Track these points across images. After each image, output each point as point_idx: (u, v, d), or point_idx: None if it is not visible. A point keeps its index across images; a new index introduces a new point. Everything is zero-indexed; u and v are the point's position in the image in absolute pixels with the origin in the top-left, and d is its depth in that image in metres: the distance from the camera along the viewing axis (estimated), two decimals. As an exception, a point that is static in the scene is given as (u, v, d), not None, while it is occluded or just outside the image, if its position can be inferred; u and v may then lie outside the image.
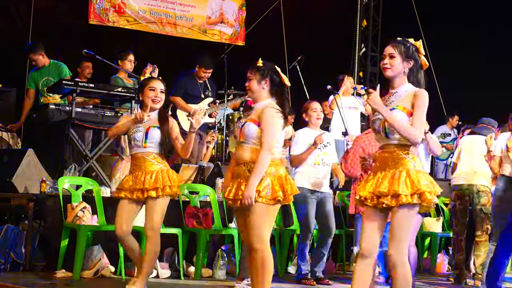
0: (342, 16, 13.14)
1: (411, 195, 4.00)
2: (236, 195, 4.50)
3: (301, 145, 6.73)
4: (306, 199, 6.64)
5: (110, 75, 8.13)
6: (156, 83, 5.42)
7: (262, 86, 4.62)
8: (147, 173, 5.29)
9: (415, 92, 4.14)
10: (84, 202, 6.37)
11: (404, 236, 4.05)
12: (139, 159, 5.35)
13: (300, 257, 6.75)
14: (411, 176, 4.04)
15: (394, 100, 4.17)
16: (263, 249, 4.46)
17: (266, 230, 4.49)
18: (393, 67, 4.18)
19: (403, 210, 4.03)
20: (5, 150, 7.59)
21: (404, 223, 4.05)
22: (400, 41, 4.22)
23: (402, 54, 4.17)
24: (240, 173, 4.56)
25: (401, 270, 4.05)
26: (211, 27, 11.69)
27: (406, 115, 4.10)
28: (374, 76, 13.70)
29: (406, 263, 4.06)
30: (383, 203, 4.05)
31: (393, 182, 4.04)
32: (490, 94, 11.89)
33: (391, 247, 4.05)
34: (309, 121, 6.85)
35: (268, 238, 4.50)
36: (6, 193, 6.63)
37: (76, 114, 7.05)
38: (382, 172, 4.11)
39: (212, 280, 6.69)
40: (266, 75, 4.62)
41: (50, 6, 10.63)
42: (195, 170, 7.92)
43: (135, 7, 10.85)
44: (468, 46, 12.15)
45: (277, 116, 4.52)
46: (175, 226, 6.67)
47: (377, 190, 4.07)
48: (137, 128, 5.36)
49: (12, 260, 6.20)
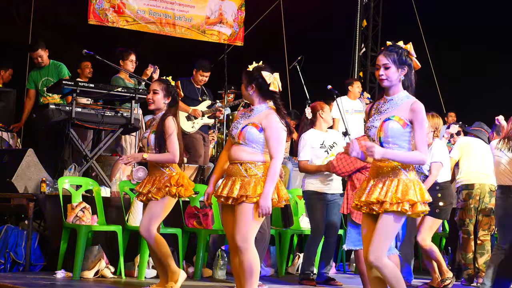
0: (342, 16, 13.13)
1: (397, 203, 4.03)
2: (230, 193, 4.51)
3: (309, 149, 6.62)
4: (316, 201, 6.62)
5: (111, 75, 8.13)
6: (150, 85, 5.51)
7: (249, 92, 4.62)
8: (151, 177, 5.40)
9: (412, 105, 4.12)
10: (84, 202, 6.38)
11: (384, 242, 4.07)
12: (148, 165, 5.50)
13: (306, 258, 6.72)
14: (399, 186, 4.07)
15: (389, 108, 4.17)
16: (247, 248, 4.47)
17: (253, 230, 4.52)
18: (389, 77, 4.18)
19: (388, 216, 4.06)
20: (5, 150, 7.59)
21: (388, 229, 4.08)
22: (391, 48, 4.20)
23: (396, 62, 4.17)
24: (235, 172, 4.56)
25: (386, 270, 4.06)
26: (210, 27, 11.67)
27: (402, 126, 4.10)
28: (374, 76, 13.67)
29: (388, 263, 4.07)
30: (372, 210, 4.11)
31: (381, 191, 4.08)
32: (490, 94, 11.88)
33: (370, 251, 4.06)
34: (316, 121, 6.76)
35: (253, 239, 4.51)
36: (6, 193, 6.63)
37: (76, 114, 7.04)
38: (375, 180, 4.15)
39: (212, 280, 6.69)
40: (252, 81, 4.60)
41: (50, 6, 10.63)
42: (195, 170, 7.93)
43: (134, 7, 10.84)
44: (468, 46, 12.15)
45: (281, 123, 4.55)
46: (175, 226, 6.68)
47: (368, 199, 4.11)
48: (145, 133, 5.51)
49: (12, 260, 6.21)
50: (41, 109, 7.49)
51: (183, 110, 8.32)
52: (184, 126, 8.30)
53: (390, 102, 4.19)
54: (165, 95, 5.41)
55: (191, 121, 8.43)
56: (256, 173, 4.51)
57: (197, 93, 8.62)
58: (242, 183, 4.50)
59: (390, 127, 4.10)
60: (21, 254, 6.22)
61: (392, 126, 4.10)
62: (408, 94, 4.20)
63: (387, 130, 4.11)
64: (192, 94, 8.56)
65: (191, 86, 8.58)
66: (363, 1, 13.53)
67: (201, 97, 8.64)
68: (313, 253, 6.73)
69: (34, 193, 6.51)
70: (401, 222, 4.14)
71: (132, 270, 6.41)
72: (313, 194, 6.60)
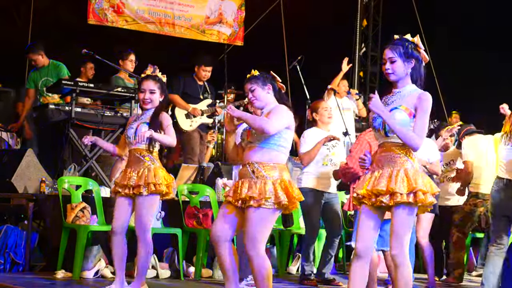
0: (342, 16, 13.12)
1: (407, 194, 3.99)
2: (239, 195, 4.41)
3: (311, 144, 6.66)
4: (312, 199, 6.61)
5: (111, 75, 8.13)
6: (146, 84, 5.36)
7: (267, 91, 4.56)
8: (134, 170, 5.27)
9: (419, 94, 4.10)
10: (84, 202, 6.37)
11: (405, 235, 4.05)
12: (130, 156, 5.36)
13: (304, 257, 6.72)
14: (408, 175, 4.03)
15: (397, 100, 4.14)
16: (255, 255, 4.34)
17: (263, 237, 4.38)
18: (395, 71, 4.14)
19: (402, 209, 4.02)
20: (5, 150, 7.58)
21: (404, 222, 4.04)
22: (397, 42, 4.16)
23: (402, 56, 4.12)
24: (245, 174, 4.48)
25: (404, 270, 4.04)
26: (210, 27, 11.66)
27: (408, 115, 4.07)
28: (374, 76, 13.67)
29: (408, 264, 4.06)
30: (381, 202, 4.04)
31: (390, 180, 4.02)
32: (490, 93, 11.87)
33: (394, 247, 4.05)
34: (319, 120, 6.76)
35: (263, 247, 4.38)
36: (6, 193, 6.63)
37: (76, 114, 7.04)
38: (380, 171, 4.10)
39: (212, 280, 6.68)
40: (267, 81, 4.57)
41: (50, 6, 10.62)
42: (195, 170, 7.92)
43: (134, 7, 10.83)
44: (468, 46, 12.14)
45: (288, 112, 4.50)
46: (175, 226, 6.67)
47: (375, 189, 4.05)
48: (131, 125, 5.38)
49: (11, 260, 6.20)
50: (41, 109, 7.49)
51: (182, 107, 8.30)
52: (183, 124, 8.28)
53: (397, 95, 4.16)
54: (161, 93, 5.39)
55: (190, 119, 8.39)
56: (263, 175, 4.40)
57: (199, 91, 8.55)
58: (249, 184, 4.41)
59: (396, 116, 4.06)
60: (20, 254, 6.22)
61: (398, 115, 4.06)
62: (416, 88, 4.16)
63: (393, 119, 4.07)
64: (194, 91, 8.50)
65: (193, 84, 8.52)
66: (363, 1, 13.51)
67: (202, 95, 8.58)
68: (312, 252, 6.73)
69: (33, 193, 6.51)
70: (415, 213, 4.08)
71: (132, 270, 6.40)
72: (309, 191, 6.59)
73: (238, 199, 4.41)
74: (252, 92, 4.54)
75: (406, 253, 4.05)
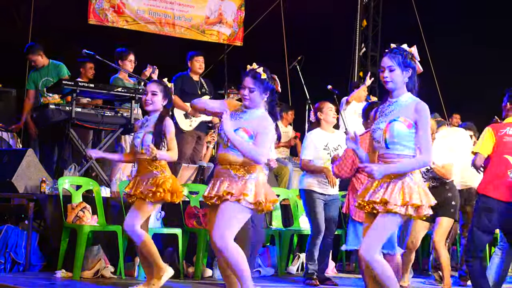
0: (342, 16, 13.13)
1: (401, 206, 4.05)
2: (217, 192, 4.49)
3: (313, 149, 6.62)
4: (315, 200, 6.62)
5: (111, 75, 8.13)
6: (148, 86, 5.44)
7: (263, 98, 4.57)
8: (142, 180, 5.35)
9: (416, 105, 4.16)
10: (84, 202, 6.38)
11: (378, 239, 4.09)
12: (139, 165, 5.44)
13: (308, 257, 6.71)
14: (404, 188, 4.08)
15: (395, 110, 4.19)
16: (224, 246, 4.38)
17: (233, 230, 4.43)
18: (393, 80, 4.19)
19: (388, 215, 4.08)
20: (5, 150, 7.58)
21: (385, 228, 4.10)
22: (396, 50, 4.21)
23: (401, 65, 4.18)
24: (223, 173, 4.55)
25: (376, 266, 4.06)
26: (210, 27, 11.68)
27: (407, 127, 4.13)
28: (374, 76, 13.67)
29: (379, 259, 4.08)
30: (375, 209, 4.12)
31: (386, 192, 4.09)
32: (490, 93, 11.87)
33: (362, 246, 4.11)
34: (323, 120, 6.70)
35: (231, 239, 4.42)
36: (6, 193, 6.63)
37: (76, 114, 7.04)
38: (379, 182, 4.16)
39: (212, 280, 6.68)
40: (267, 91, 4.55)
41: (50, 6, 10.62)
42: (195, 170, 7.91)
43: (134, 7, 10.84)
44: (469, 46, 12.14)
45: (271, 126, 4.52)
46: (175, 226, 6.68)
47: (371, 200, 4.13)
48: (137, 134, 5.43)
49: (12, 260, 6.20)
50: (41, 109, 7.50)
51: (181, 108, 8.24)
52: (182, 124, 8.20)
53: (395, 104, 4.22)
54: (163, 96, 5.40)
55: (189, 119, 8.31)
56: (244, 174, 4.50)
57: (196, 87, 8.40)
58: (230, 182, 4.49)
59: (396, 128, 4.13)
60: (21, 254, 6.22)
61: (398, 127, 4.13)
62: (412, 96, 4.22)
63: (392, 131, 4.13)
64: (191, 89, 8.35)
65: (189, 81, 8.38)
66: (363, 1, 13.52)
67: (200, 90, 8.48)
68: (316, 252, 6.73)
69: (34, 193, 6.51)
70: (399, 224, 4.16)
71: (132, 270, 6.41)
72: (312, 192, 6.60)
73: (213, 196, 4.51)
74: (250, 92, 4.54)
75: (374, 251, 4.05)
